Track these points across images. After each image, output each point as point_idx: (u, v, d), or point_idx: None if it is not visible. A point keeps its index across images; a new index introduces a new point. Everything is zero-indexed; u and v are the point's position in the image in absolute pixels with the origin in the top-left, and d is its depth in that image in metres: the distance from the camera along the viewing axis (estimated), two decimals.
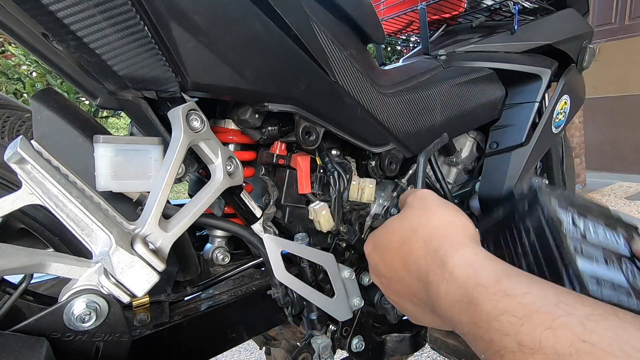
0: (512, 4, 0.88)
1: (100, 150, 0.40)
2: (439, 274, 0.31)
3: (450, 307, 0.29)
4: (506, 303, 0.25)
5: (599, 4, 3.64)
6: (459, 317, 0.28)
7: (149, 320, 0.48)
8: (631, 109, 3.54)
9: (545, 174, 1.11)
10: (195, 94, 0.45)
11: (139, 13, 0.36)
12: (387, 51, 3.17)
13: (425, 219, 0.37)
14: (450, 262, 0.30)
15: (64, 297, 0.36)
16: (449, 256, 0.31)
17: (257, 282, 0.60)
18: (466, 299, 0.27)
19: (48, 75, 2.63)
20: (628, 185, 3.40)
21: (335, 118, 0.56)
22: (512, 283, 0.26)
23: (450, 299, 0.29)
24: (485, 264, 0.29)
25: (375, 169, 0.67)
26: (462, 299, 0.28)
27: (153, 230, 0.39)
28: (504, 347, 0.23)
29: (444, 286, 0.30)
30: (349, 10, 0.59)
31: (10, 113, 0.47)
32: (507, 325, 0.24)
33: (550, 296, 0.24)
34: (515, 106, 0.89)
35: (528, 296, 0.24)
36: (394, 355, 0.71)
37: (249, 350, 1.29)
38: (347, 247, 0.63)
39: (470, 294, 0.27)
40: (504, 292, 0.25)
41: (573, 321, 0.21)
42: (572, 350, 0.20)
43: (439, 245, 0.33)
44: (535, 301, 0.24)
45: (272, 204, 0.55)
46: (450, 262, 0.30)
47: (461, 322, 0.28)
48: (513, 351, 0.23)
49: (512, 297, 0.25)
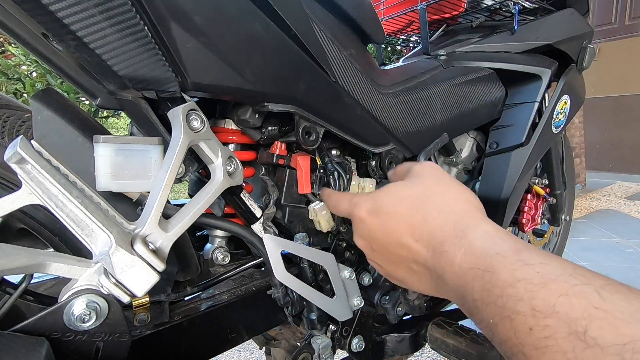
0: (512, 4, 0.88)
1: (100, 150, 0.40)
2: (456, 244, 0.31)
3: (463, 274, 0.30)
4: (524, 271, 0.25)
5: (599, 4, 3.64)
6: (471, 284, 0.29)
7: (149, 320, 0.48)
8: (631, 109, 3.55)
9: (545, 174, 1.11)
10: (195, 94, 0.45)
11: (139, 13, 0.36)
12: (387, 51, 3.17)
13: (440, 189, 0.36)
14: (471, 234, 0.31)
15: (64, 297, 0.36)
16: (470, 229, 0.31)
17: (257, 282, 0.60)
18: (482, 267, 0.28)
19: (48, 75, 2.63)
20: (628, 185, 3.40)
21: (335, 118, 0.56)
22: (531, 255, 0.27)
23: (465, 267, 0.30)
24: (505, 238, 0.30)
25: (375, 169, 0.67)
26: (478, 267, 0.28)
27: (153, 230, 0.39)
28: (516, 311, 0.24)
29: (460, 255, 0.30)
30: (349, 10, 0.59)
31: (10, 113, 0.47)
32: (522, 291, 0.24)
33: (567, 268, 0.24)
34: (515, 106, 0.89)
35: (546, 266, 0.25)
36: (394, 355, 0.71)
37: (249, 350, 1.29)
38: (347, 247, 0.63)
39: (487, 262, 0.28)
40: (522, 261, 0.26)
41: (588, 290, 0.22)
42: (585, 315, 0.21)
43: (459, 219, 0.33)
44: (552, 271, 0.24)
45: (272, 204, 0.55)
46: (471, 234, 0.31)
47: (473, 289, 0.28)
48: (525, 315, 0.23)
49: (530, 266, 0.25)
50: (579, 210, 2.70)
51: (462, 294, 0.30)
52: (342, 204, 0.45)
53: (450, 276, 0.31)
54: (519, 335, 0.24)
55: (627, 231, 2.24)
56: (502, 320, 0.25)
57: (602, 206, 2.80)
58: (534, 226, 1.06)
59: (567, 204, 1.31)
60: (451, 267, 0.31)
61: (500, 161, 0.87)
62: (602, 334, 0.20)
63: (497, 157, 0.88)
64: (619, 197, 3.04)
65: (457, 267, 0.30)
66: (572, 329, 0.21)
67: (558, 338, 0.22)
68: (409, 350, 0.71)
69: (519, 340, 0.24)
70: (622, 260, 1.85)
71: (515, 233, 1.19)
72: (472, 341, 0.65)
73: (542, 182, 1.07)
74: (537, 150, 0.89)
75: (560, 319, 0.22)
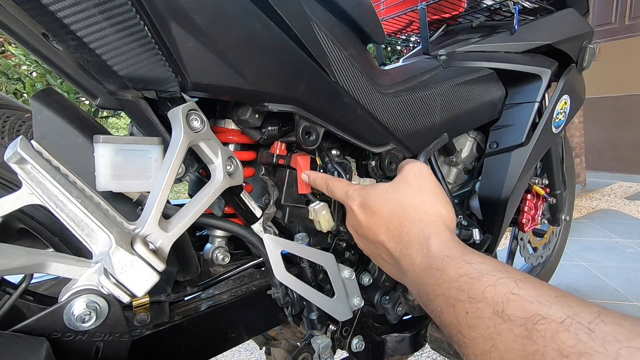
0: (512, 4, 0.88)
1: (100, 150, 0.40)
2: (418, 249, 0.38)
3: (420, 273, 0.37)
4: (465, 269, 0.32)
5: (599, 4, 3.64)
6: (426, 280, 0.35)
7: (149, 320, 0.48)
8: (631, 109, 3.55)
9: (545, 174, 1.11)
10: (195, 94, 0.45)
11: (139, 13, 0.36)
12: (387, 51, 3.17)
13: (418, 200, 0.43)
14: (431, 241, 0.38)
15: (64, 297, 0.36)
16: (431, 237, 0.38)
17: (257, 282, 0.60)
18: (435, 266, 0.35)
19: (48, 75, 2.62)
20: (628, 185, 3.40)
21: (335, 118, 0.56)
22: (473, 257, 0.34)
23: (422, 267, 0.37)
24: (456, 245, 0.37)
25: (375, 169, 0.67)
26: (432, 267, 0.35)
27: (153, 230, 0.39)
28: (458, 299, 0.31)
29: (420, 258, 0.38)
30: (349, 10, 0.59)
31: (10, 113, 0.47)
32: (463, 283, 0.31)
33: (497, 266, 0.32)
34: (515, 106, 0.89)
35: (482, 264, 0.32)
36: (394, 355, 0.71)
37: (249, 350, 1.29)
38: (347, 247, 0.63)
39: (439, 263, 0.35)
40: (465, 261, 0.33)
41: (509, 282, 0.29)
42: (504, 299, 0.28)
43: (425, 228, 0.40)
44: (486, 268, 0.31)
45: (272, 204, 0.55)
46: (431, 241, 0.38)
47: (427, 284, 0.35)
48: (463, 302, 0.30)
49: (471, 265, 0.32)
50: (579, 210, 2.70)
51: (419, 289, 0.37)
52: (338, 191, 0.51)
53: (411, 274, 0.38)
54: (459, 319, 0.30)
55: (627, 231, 2.24)
56: (447, 308, 0.32)
57: (602, 206, 2.80)
58: (534, 226, 1.06)
59: (567, 204, 1.31)
60: (412, 267, 0.38)
61: (500, 161, 0.87)
62: (514, 312, 0.27)
63: (497, 157, 0.88)
64: (619, 197, 3.04)
65: (416, 267, 0.37)
66: (495, 310, 0.28)
67: (485, 317, 0.28)
68: (409, 350, 0.71)
69: (458, 322, 0.30)
70: (622, 260, 1.85)
71: (516, 233, 1.19)
72: None
73: (542, 182, 1.07)
74: (537, 150, 0.89)
75: (487, 302, 0.28)
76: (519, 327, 0.26)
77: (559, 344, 0.23)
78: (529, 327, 0.25)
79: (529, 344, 0.24)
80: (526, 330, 0.25)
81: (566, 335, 0.23)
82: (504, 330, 0.26)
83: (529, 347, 0.24)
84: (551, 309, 0.25)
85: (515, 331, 0.26)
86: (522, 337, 0.25)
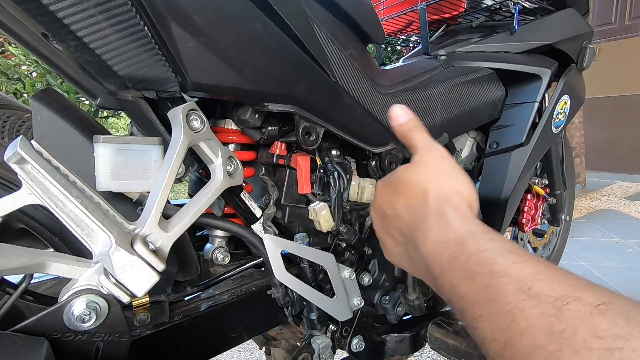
0: (512, 4, 0.88)
1: (100, 150, 0.40)
2: (434, 222, 0.37)
3: (435, 246, 0.35)
4: (489, 245, 0.31)
5: (599, 4, 3.64)
6: (440, 252, 0.34)
7: (149, 320, 0.48)
8: (631, 109, 3.54)
9: (545, 174, 1.11)
10: (195, 94, 0.45)
11: (139, 13, 0.36)
12: (387, 51, 3.17)
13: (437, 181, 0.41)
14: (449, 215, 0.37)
15: (64, 297, 0.36)
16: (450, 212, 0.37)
17: (257, 282, 0.60)
18: (453, 240, 0.34)
19: (48, 75, 2.62)
20: (628, 185, 3.40)
21: (335, 118, 0.56)
22: (496, 236, 0.33)
23: (437, 240, 0.35)
24: (478, 222, 0.36)
25: (375, 169, 0.67)
26: (449, 240, 0.34)
27: (153, 230, 0.39)
28: (477, 272, 0.30)
29: (435, 230, 0.36)
30: (349, 10, 0.59)
31: (10, 113, 0.47)
32: (484, 258, 0.30)
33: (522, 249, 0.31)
34: (515, 106, 0.89)
35: (508, 244, 0.31)
36: (394, 355, 0.71)
37: (249, 350, 1.29)
38: (347, 247, 0.63)
39: (459, 236, 0.33)
40: (489, 238, 0.32)
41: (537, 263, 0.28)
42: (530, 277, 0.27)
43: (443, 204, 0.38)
44: (512, 247, 0.31)
45: (272, 204, 0.55)
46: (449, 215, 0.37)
47: (441, 257, 0.34)
48: (483, 275, 0.29)
49: (495, 242, 0.31)
50: (579, 210, 2.70)
51: (429, 263, 0.35)
52: None
53: (422, 247, 0.37)
54: (477, 292, 0.29)
55: (627, 231, 2.24)
56: (463, 281, 0.31)
57: (602, 206, 2.80)
58: (534, 226, 1.06)
59: (567, 204, 1.31)
60: (425, 240, 0.37)
61: (500, 161, 0.87)
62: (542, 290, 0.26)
63: (497, 157, 0.88)
64: (619, 197, 3.04)
65: (430, 240, 0.36)
66: (519, 286, 0.27)
67: (507, 292, 0.27)
68: (409, 350, 0.71)
69: (476, 295, 0.29)
70: (622, 260, 1.85)
71: (516, 233, 1.19)
72: (472, 341, 0.65)
73: (542, 182, 1.07)
74: (537, 150, 0.89)
75: (512, 278, 0.28)
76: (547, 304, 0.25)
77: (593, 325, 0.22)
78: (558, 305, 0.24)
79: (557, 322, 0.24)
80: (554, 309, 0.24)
81: (601, 318, 0.22)
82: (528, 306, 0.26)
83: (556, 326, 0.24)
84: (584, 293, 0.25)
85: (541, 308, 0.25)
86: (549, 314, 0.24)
